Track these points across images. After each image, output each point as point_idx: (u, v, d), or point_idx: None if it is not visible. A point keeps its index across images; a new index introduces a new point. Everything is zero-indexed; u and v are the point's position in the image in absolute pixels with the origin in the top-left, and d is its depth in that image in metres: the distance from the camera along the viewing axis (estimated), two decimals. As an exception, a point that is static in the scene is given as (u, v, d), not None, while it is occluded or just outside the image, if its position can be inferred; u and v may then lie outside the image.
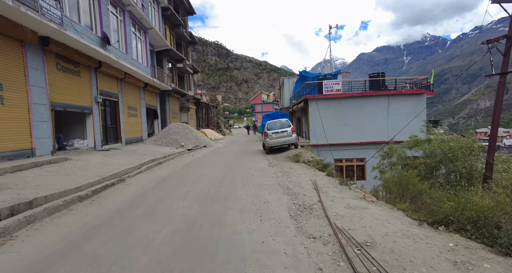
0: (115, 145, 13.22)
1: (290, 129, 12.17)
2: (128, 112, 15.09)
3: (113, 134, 13.49)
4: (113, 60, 11.57)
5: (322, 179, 6.64)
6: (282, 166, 9.04)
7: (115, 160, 9.28)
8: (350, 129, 18.49)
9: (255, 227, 3.86)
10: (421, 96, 18.02)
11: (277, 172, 8.00)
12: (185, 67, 26.56)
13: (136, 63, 15.23)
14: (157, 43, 20.08)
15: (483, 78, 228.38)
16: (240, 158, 11.51)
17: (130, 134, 15.20)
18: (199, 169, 8.87)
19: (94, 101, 11.34)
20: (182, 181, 7.09)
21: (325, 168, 8.75)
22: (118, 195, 5.76)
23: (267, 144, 12.28)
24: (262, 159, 11.14)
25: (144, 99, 17.50)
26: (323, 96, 18.24)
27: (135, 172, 8.04)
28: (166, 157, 11.56)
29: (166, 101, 22.08)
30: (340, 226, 3.68)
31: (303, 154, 11.44)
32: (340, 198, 4.93)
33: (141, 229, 3.84)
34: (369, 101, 18.37)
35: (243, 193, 5.66)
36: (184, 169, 8.96)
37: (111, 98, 13.18)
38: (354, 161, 18.73)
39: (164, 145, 16.14)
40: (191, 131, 18.25)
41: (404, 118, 18.21)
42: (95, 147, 11.29)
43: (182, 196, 5.58)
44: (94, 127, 11.31)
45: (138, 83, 16.05)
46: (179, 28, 25.68)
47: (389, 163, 11.13)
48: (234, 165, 9.66)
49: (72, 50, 9.36)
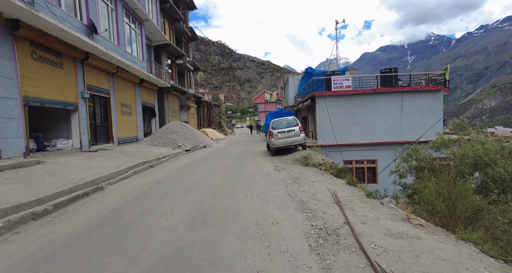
0: (105, 146, 12.08)
1: (297, 128, 10.94)
2: (121, 110, 13.95)
3: (103, 134, 12.35)
4: (102, 52, 10.42)
5: (343, 189, 5.42)
6: (290, 171, 7.82)
7: (99, 163, 8.13)
8: (360, 128, 17.22)
9: (261, 267, 2.66)
10: (438, 93, 16.70)
11: (285, 178, 6.79)
12: (185, 63, 25.40)
13: (130, 57, 14.09)
14: (155, 37, 18.93)
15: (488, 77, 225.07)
16: (242, 160, 10.32)
17: (123, 133, 14.06)
18: (194, 174, 7.68)
19: (80, 96, 10.19)
20: (171, 190, 5.90)
21: (341, 174, 7.53)
22: (88, 209, 4.59)
23: (272, 144, 11.07)
24: (266, 161, 9.93)
25: (139, 96, 16.36)
26: (332, 92, 16.98)
27: (119, 178, 6.87)
28: (160, 159, 10.39)
29: (164, 99, 20.94)
30: (388, 271, 2.46)
31: (313, 156, 10.22)
32: (374, 218, 3.71)
33: (98, 271, 2.66)
34: (381, 99, 17.09)
35: (245, 208, 4.46)
36: (178, 174, 7.78)
37: (101, 94, 12.03)
38: (365, 162, 17.46)
39: (161, 145, 14.99)
40: (190, 131, 17.09)
41: (419, 117, 16.93)
42: (81, 148, 10.15)
43: (167, 212, 4.39)
44: (80, 125, 10.16)
45: (132, 79, 14.91)
46: (179, 22, 24.54)
47: (410, 167, 9.85)
48: (235, 169, 8.46)
49: (51, 37, 8.21)
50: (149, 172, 8.17)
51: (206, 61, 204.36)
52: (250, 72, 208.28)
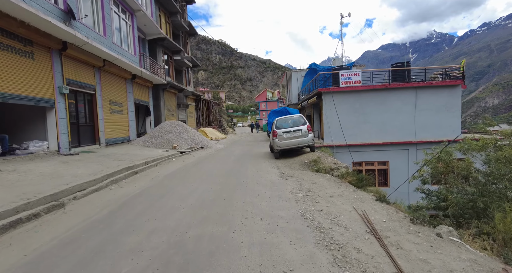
0: (90, 148, 10.84)
1: (305, 128, 9.64)
2: (110, 108, 12.70)
3: (87, 134, 11.10)
4: (82, 41, 9.15)
5: (374, 209, 4.11)
6: (299, 179, 6.53)
7: (73, 170, 6.87)
8: (371, 127, 15.90)
9: None
10: (456, 89, 15.35)
11: (295, 189, 5.51)
12: (183, 59, 24.12)
13: (119, 49, 12.81)
14: (149, 30, 17.65)
15: (491, 75, 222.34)
16: (243, 165, 9.03)
17: (112, 133, 12.81)
18: (184, 183, 6.41)
19: (57, 92, 8.93)
20: (151, 207, 4.63)
21: (362, 183, 6.22)
22: (24, 243, 3.31)
23: (276, 146, 9.77)
24: (270, 166, 8.65)
25: (132, 93, 15.10)
26: (340, 88, 15.65)
27: (91, 189, 5.60)
28: (149, 164, 9.13)
29: (160, 97, 19.67)
30: None
31: (323, 160, 8.92)
32: (442, 266, 2.43)
33: None
34: (393, 95, 15.75)
35: (243, 241, 3.19)
36: (165, 183, 6.50)
37: (85, 90, 10.77)
38: (375, 164, 16.15)
39: (154, 146, 13.73)
40: (186, 130, 15.81)
41: (434, 114, 15.60)
42: (59, 151, 8.90)
43: (135, 247, 3.12)
44: (58, 125, 8.91)
45: (123, 74, 13.65)
46: (176, 16, 23.21)
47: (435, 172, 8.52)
48: (233, 175, 7.18)
49: (14, 21, 6.94)
50: (131, 180, 6.90)
51: (207, 60, 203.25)
52: (251, 71, 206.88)
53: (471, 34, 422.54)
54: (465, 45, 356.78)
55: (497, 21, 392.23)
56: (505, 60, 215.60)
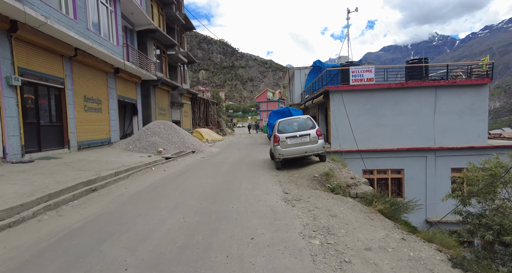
0: (54, 153, 9.02)
1: (314, 132, 7.79)
2: (84, 105, 10.89)
3: (53, 136, 9.28)
4: (38, 21, 7.33)
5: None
6: (311, 204, 4.72)
7: (5, 187, 5.06)
8: (384, 130, 14.10)
9: None
10: (483, 88, 13.53)
11: (307, 227, 3.70)
12: (178, 54, 22.30)
13: (96, 37, 10.99)
14: (138, 20, 15.86)
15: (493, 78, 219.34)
16: (236, 178, 7.20)
17: (87, 135, 11.01)
18: (150, 211, 4.59)
19: (4, 84, 7.12)
20: (75, 266, 2.81)
21: (397, 214, 4.40)
22: None
23: (278, 154, 7.91)
24: (270, 180, 6.83)
25: (114, 89, 13.29)
26: (350, 87, 13.84)
27: (3, 224, 3.78)
28: (120, 174, 7.31)
29: (150, 94, 17.86)
30: None
31: (337, 173, 7.10)
32: None
33: None
34: (411, 95, 13.94)
35: None
36: (124, 210, 4.67)
37: (50, 83, 8.96)
38: (388, 172, 14.32)
39: (137, 150, 11.92)
40: (176, 132, 13.99)
41: (456, 117, 13.78)
42: (4, 157, 7.09)
43: None
44: (3, 125, 7.09)
45: (103, 67, 11.85)
46: (171, 7, 21.42)
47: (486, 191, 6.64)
48: (220, 197, 5.35)
49: None
50: (82, 202, 5.08)
51: (208, 60, 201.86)
52: (252, 71, 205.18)
53: (473, 36, 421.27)
54: (467, 47, 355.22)
55: (499, 24, 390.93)
56: (507, 63, 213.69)
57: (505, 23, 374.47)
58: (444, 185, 13.86)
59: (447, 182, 13.98)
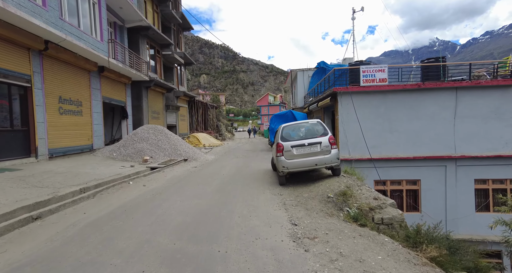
0: (15, 162, 7.60)
1: (326, 140, 6.34)
2: (59, 107, 9.51)
3: (15, 143, 7.86)
4: (-11, 3, 5.98)
5: None
6: (332, 248, 3.27)
7: None
8: (398, 137, 12.63)
9: None
10: (510, 90, 12.08)
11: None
12: (174, 54, 20.99)
13: (72, 29, 9.64)
14: (128, 15, 14.55)
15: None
16: (228, 198, 5.73)
17: (64, 141, 9.61)
18: (100, 257, 3.14)
19: None
20: None
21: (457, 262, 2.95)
22: None
23: (282, 167, 6.45)
24: (272, 202, 5.38)
25: (99, 90, 11.92)
26: (361, 88, 12.43)
27: None
28: (86, 192, 5.88)
29: (142, 96, 16.49)
30: None
31: (356, 192, 5.66)
32: None
33: None
34: (428, 97, 12.51)
35: None
36: (63, 255, 3.22)
37: (11, 80, 7.59)
38: (403, 183, 12.83)
39: (121, 158, 10.50)
40: (167, 138, 12.57)
41: (479, 123, 12.32)
42: None
43: None
44: None
45: (83, 64, 10.50)
46: (166, 4, 20.15)
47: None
48: (205, 231, 3.90)
49: None
50: (5, 242, 3.62)
51: (210, 64, 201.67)
52: (253, 75, 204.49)
53: (474, 42, 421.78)
54: (467, 53, 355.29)
55: (500, 30, 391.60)
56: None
57: (505, 28, 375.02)
58: (467, 198, 12.37)
59: (471, 195, 12.49)
